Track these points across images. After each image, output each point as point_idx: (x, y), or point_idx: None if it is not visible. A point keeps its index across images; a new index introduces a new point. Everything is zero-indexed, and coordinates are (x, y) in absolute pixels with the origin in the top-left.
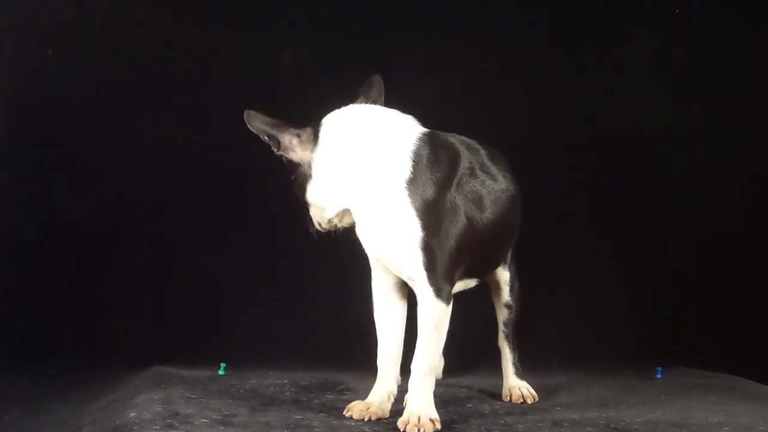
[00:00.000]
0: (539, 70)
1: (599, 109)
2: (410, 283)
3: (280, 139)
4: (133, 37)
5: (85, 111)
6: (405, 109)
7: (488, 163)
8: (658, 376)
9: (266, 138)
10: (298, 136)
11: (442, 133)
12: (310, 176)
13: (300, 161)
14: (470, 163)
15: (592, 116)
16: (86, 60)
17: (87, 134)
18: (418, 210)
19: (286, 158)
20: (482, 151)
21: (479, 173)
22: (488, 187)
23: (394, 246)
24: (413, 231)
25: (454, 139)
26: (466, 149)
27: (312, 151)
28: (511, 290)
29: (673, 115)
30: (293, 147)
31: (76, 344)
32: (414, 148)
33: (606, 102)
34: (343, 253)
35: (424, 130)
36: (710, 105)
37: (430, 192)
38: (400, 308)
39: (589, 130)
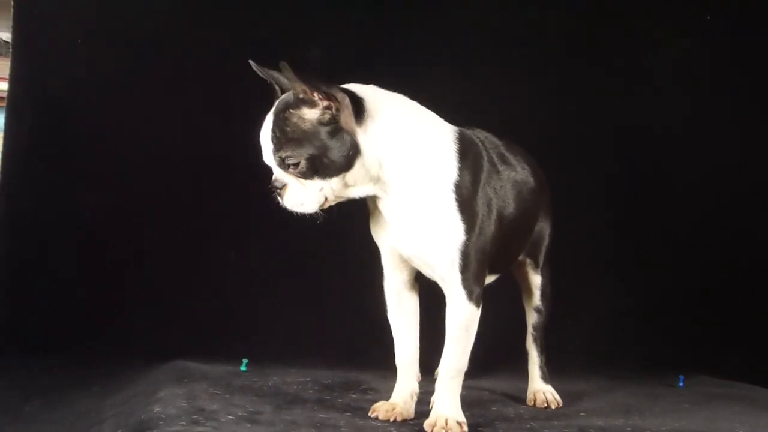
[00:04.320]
0: (561, 73)
1: (624, 115)
2: (441, 283)
3: (336, 96)
4: (158, 33)
5: (108, 106)
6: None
7: (507, 155)
8: (680, 384)
9: (316, 94)
10: (343, 99)
11: (466, 130)
12: (359, 151)
13: (345, 128)
14: (491, 158)
15: (618, 124)
16: (110, 54)
17: (110, 128)
18: (462, 213)
19: (331, 118)
20: (500, 143)
21: (501, 167)
22: (510, 180)
23: (434, 246)
24: (456, 233)
25: (474, 134)
26: (486, 143)
27: (360, 124)
28: (543, 295)
29: (699, 122)
30: (343, 109)
31: (96, 336)
32: (457, 147)
33: (630, 108)
34: (364, 252)
35: (454, 127)
36: (734, 110)
37: (471, 194)
38: (413, 306)
39: (614, 136)
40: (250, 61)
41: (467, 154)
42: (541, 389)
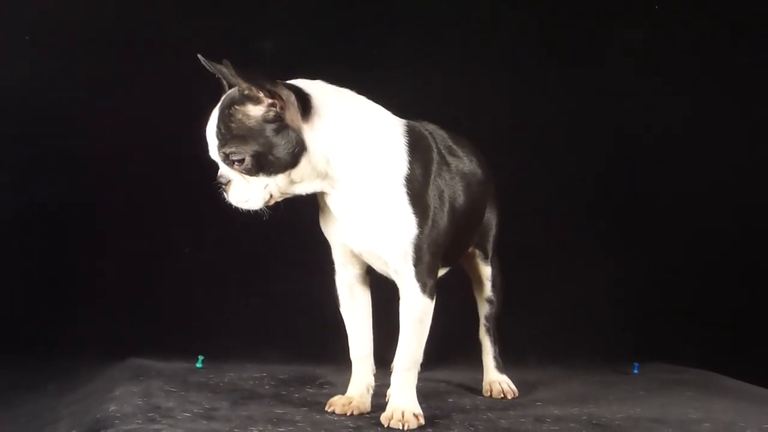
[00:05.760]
0: (525, 66)
1: (585, 107)
2: (394, 277)
3: (280, 93)
4: (114, 25)
5: (66, 99)
6: (388, 102)
7: (454, 147)
8: (635, 371)
9: (260, 92)
10: (288, 97)
11: (415, 123)
12: (306, 148)
13: (290, 125)
14: (440, 150)
15: (578, 116)
16: (67, 47)
17: (62, 124)
18: (414, 206)
19: (276, 116)
20: (446, 135)
21: (449, 159)
22: (459, 172)
23: (386, 240)
24: (409, 227)
25: (422, 126)
26: (434, 136)
27: (306, 120)
28: (493, 286)
29: (678, 120)
30: (288, 106)
31: (51, 335)
32: (406, 140)
33: (592, 100)
34: (318, 246)
35: (403, 120)
36: (733, 110)
37: (423, 187)
38: (366, 300)
39: (573, 130)
40: (199, 56)
41: (417, 147)
42: (496, 379)
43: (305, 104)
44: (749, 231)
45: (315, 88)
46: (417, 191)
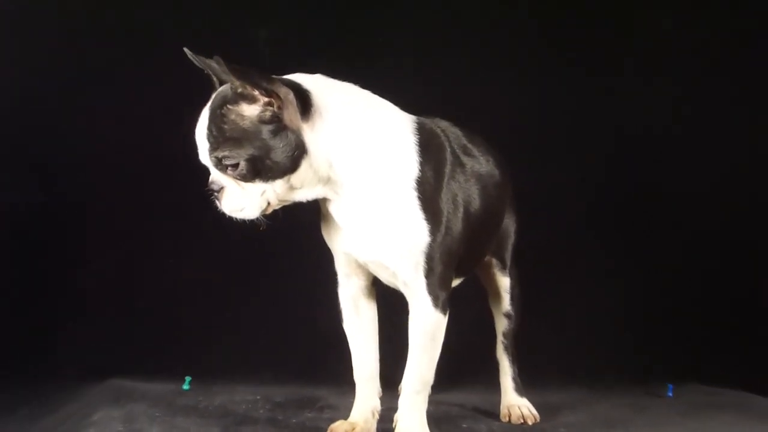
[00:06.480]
0: (525, 66)
1: (585, 107)
2: (403, 289)
3: (278, 91)
4: (114, 25)
5: (44, 105)
6: (395, 97)
7: (470, 146)
8: (669, 393)
9: (255, 89)
10: (286, 95)
11: (426, 120)
12: (306, 151)
13: (289, 126)
14: (454, 149)
15: (578, 116)
16: (67, 47)
17: (37, 128)
18: (425, 211)
19: (273, 115)
20: (460, 133)
21: (464, 159)
22: (475, 174)
23: (395, 249)
24: (420, 234)
25: (434, 123)
26: (448, 134)
27: (306, 120)
28: (512, 299)
29: (678, 120)
30: (287, 105)
31: (24, 354)
32: (416, 139)
33: (592, 100)
34: (315, 257)
35: (413, 117)
36: (715, 108)
37: (435, 191)
38: (372, 314)
39: (592, 137)
40: (185, 49)
41: (428, 146)
42: (515, 403)
43: (305, 102)
44: (749, 231)
45: (315, 83)
46: (429, 195)
